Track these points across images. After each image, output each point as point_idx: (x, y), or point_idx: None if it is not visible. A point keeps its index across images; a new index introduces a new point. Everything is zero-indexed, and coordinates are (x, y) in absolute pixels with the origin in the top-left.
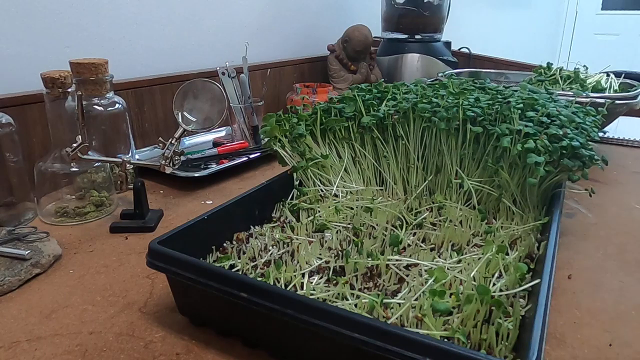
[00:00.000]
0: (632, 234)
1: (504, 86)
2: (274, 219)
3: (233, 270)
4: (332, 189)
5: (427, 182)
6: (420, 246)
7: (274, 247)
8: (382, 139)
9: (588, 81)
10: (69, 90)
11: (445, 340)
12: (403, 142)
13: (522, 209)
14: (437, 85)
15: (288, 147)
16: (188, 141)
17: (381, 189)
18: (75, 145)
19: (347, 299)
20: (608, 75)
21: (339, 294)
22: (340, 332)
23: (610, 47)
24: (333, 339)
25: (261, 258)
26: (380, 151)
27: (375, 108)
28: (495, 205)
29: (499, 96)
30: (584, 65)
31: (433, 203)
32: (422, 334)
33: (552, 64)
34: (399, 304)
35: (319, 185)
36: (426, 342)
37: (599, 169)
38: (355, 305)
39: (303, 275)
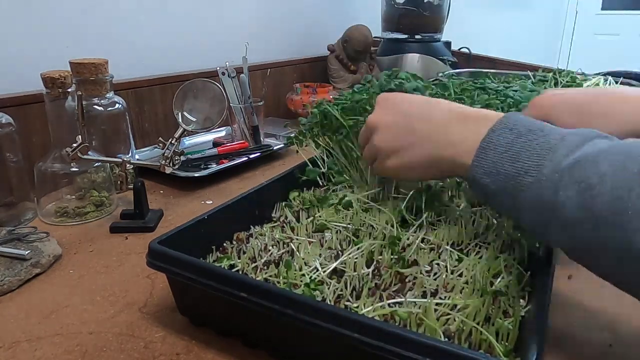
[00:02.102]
0: None
1: (504, 86)
2: (274, 219)
3: (233, 270)
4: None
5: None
6: (420, 246)
7: (274, 247)
8: None
9: (585, 85)
10: (69, 90)
11: (446, 340)
12: None
13: None
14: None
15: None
16: (188, 141)
17: (381, 189)
18: (75, 145)
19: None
20: (606, 79)
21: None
22: (341, 332)
23: (610, 47)
24: (333, 338)
25: (261, 258)
26: None
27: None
28: None
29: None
30: (582, 72)
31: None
32: (423, 334)
33: (546, 75)
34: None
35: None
36: (426, 342)
37: None
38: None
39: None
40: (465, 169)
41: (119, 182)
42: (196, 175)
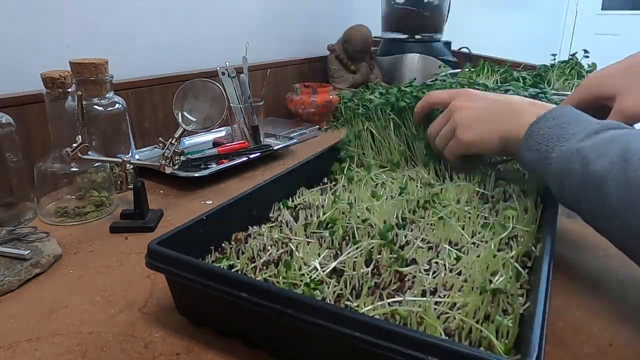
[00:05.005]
0: None
1: (498, 86)
2: (272, 219)
3: (232, 270)
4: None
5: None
6: (419, 245)
7: (273, 247)
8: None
9: None
10: (69, 90)
11: (447, 338)
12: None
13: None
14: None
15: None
16: (188, 141)
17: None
18: (75, 145)
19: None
20: None
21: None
22: (341, 331)
23: (610, 47)
24: (334, 338)
25: (260, 258)
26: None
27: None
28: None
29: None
30: (589, 63)
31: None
32: (424, 332)
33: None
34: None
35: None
36: (428, 340)
37: None
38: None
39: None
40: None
41: (119, 182)
42: (196, 175)
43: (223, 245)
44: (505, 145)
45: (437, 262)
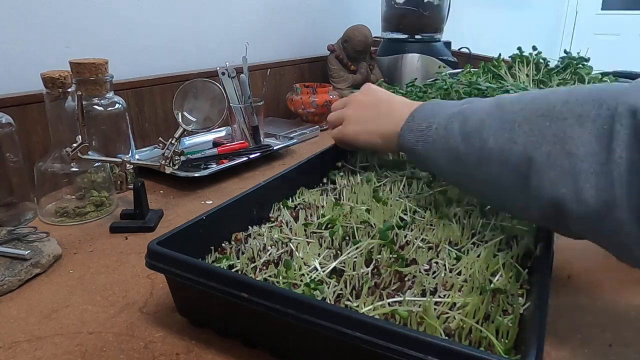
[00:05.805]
0: None
1: (496, 85)
2: (272, 219)
3: (232, 270)
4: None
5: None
6: (419, 245)
7: (273, 247)
8: None
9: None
10: (69, 90)
11: (447, 338)
12: None
13: None
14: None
15: None
16: (188, 141)
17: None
18: (75, 145)
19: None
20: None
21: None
22: (342, 331)
23: (610, 47)
24: (334, 338)
25: (260, 258)
26: None
27: None
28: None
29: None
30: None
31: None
32: (424, 333)
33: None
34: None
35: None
36: (428, 340)
37: None
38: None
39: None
40: (397, 135)
41: (119, 182)
42: (196, 175)
43: (223, 245)
44: (387, 142)
45: (437, 262)
